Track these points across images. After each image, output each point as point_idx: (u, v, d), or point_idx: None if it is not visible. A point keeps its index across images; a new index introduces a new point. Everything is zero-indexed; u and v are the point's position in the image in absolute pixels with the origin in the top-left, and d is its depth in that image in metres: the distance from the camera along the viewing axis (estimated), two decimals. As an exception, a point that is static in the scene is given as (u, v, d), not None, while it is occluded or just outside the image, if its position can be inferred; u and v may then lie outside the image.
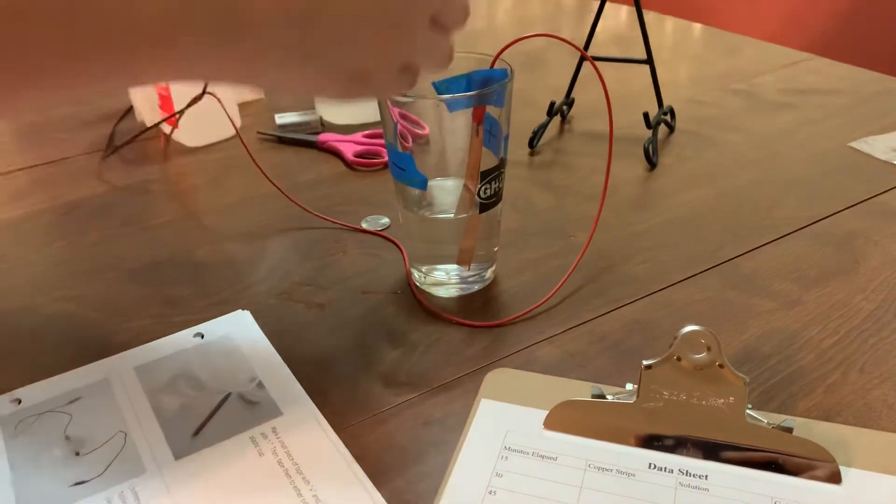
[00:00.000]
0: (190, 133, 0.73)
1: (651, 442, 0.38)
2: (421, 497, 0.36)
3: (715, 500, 0.35)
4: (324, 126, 0.77)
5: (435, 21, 0.37)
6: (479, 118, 0.43)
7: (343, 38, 0.34)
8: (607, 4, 0.79)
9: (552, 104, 0.73)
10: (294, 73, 0.35)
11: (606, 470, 0.37)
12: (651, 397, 0.37)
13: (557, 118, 0.76)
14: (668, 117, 0.72)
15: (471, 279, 0.50)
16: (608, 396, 0.39)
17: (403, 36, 0.36)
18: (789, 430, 0.36)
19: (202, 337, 0.47)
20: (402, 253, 0.54)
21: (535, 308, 0.48)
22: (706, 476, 0.36)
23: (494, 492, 0.36)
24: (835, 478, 0.36)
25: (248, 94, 0.83)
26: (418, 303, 0.49)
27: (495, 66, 0.44)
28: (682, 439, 0.37)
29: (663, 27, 1.05)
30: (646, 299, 0.49)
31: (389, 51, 0.36)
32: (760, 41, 0.95)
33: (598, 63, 0.51)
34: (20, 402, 0.42)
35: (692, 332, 0.36)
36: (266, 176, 0.61)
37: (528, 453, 0.38)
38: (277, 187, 0.61)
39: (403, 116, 0.44)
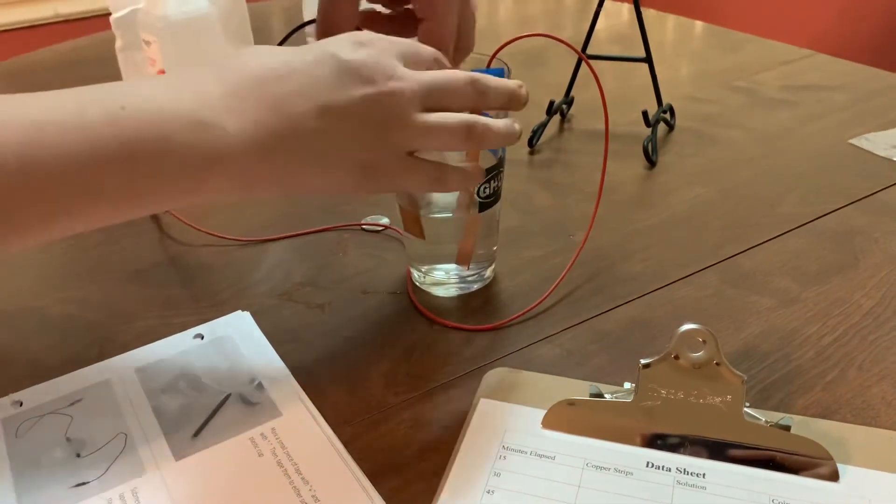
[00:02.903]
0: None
1: (649, 440, 0.38)
2: (419, 497, 0.36)
3: (713, 498, 0.35)
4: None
5: (427, 107, 0.38)
6: (477, 118, 0.43)
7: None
8: (609, 3, 0.79)
9: (552, 103, 0.73)
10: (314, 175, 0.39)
11: (604, 469, 0.37)
12: (649, 396, 0.37)
13: (557, 117, 0.76)
14: (667, 115, 0.72)
15: (470, 278, 0.50)
16: (606, 395, 0.39)
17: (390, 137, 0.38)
18: (787, 428, 0.36)
19: (202, 338, 0.47)
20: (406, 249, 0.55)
21: (534, 307, 0.48)
22: (704, 474, 0.36)
23: (493, 491, 0.36)
24: (833, 475, 0.36)
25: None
26: (417, 304, 0.50)
27: (492, 66, 0.44)
28: (680, 438, 0.37)
29: (664, 25, 1.04)
30: (645, 297, 0.49)
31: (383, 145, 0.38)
32: (762, 38, 0.95)
33: (598, 62, 0.52)
34: (21, 404, 0.42)
35: (690, 330, 0.36)
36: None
37: (526, 452, 0.38)
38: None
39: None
